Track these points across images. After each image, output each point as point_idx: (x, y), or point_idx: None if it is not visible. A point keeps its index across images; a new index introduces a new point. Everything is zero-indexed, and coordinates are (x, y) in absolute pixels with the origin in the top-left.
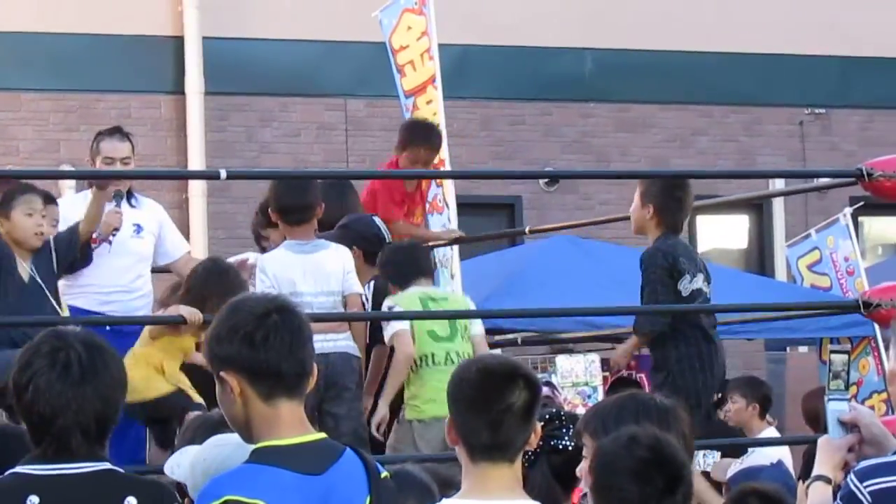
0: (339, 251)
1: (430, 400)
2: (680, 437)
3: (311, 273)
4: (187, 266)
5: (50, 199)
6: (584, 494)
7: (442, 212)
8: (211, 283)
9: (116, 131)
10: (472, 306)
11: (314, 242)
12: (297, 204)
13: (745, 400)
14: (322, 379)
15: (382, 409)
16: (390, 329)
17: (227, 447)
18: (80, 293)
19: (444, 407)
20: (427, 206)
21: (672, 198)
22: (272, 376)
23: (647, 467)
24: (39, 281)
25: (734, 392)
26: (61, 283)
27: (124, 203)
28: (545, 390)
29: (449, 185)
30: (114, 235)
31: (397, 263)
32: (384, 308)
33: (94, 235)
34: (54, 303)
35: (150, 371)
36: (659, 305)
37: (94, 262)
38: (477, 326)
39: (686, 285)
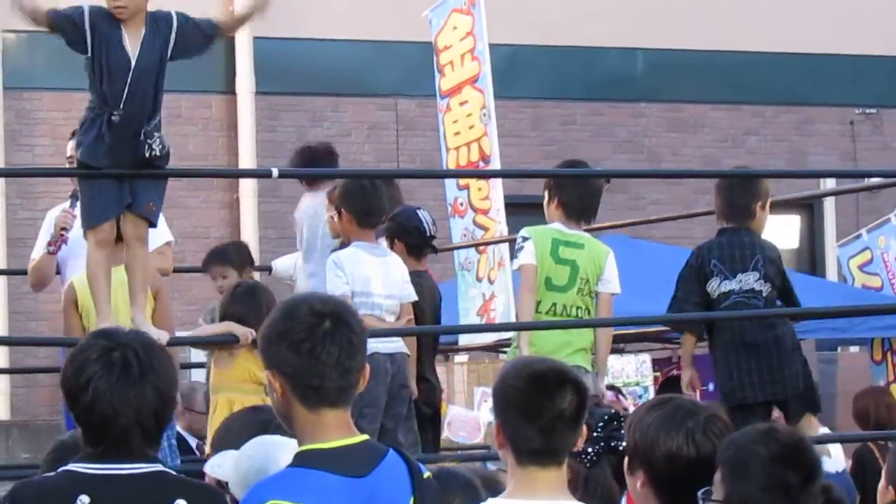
0: (399, 259)
1: (530, 344)
2: (717, 441)
3: (381, 275)
4: (157, 261)
5: None
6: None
7: (464, 215)
8: (240, 305)
9: None
10: (612, 260)
11: (380, 246)
12: (377, 208)
13: None
14: (391, 378)
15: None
16: (517, 262)
17: (271, 444)
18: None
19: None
20: (449, 208)
21: (718, 190)
22: (315, 388)
23: (790, 455)
24: (142, 66)
25: None
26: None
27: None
28: (610, 395)
29: (497, 184)
30: (63, 235)
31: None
32: (518, 235)
33: (49, 239)
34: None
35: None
36: (702, 314)
37: (62, 269)
38: (612, 285)
39: (714, 287)
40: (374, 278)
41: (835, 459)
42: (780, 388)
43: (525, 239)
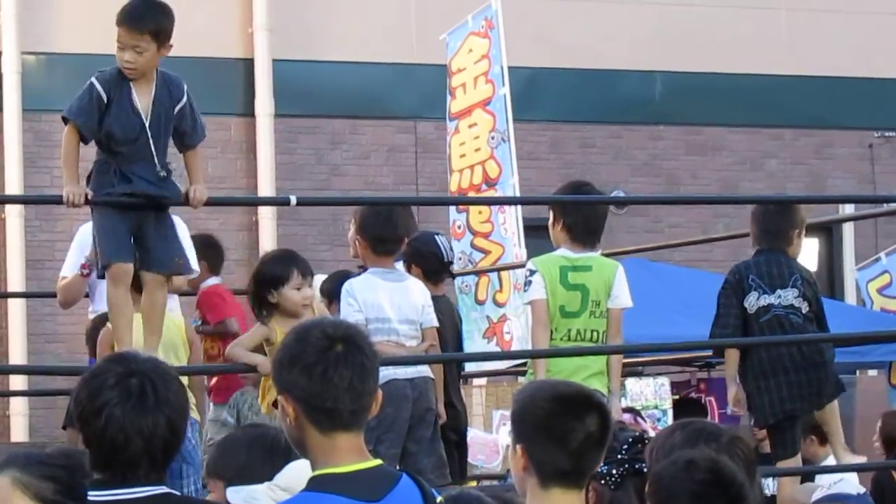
0: (420, 285)
1: (547, 372)
2: (741, 463)
3: (397, 301)
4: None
5: (129, 20)
6: None
7: (461, 238)
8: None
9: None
10: (621, 274)
11: (397, 272)
12: (391, 236)
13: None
14: (412, 404)
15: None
16: (527, 296)
17: (305, 469)
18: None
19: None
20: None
21: (753, 216)
22: (327, 411)
23: (709, 489)
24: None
25: None
26: None
27: None
28: (627, 417)
29: (516, 208)
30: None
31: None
32: (525, 269)
33: (84, 262)
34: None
35: None
36: (719, 340)
37: (91, 291)
38: (620, 300)
39: (751, 302)
40: (387, 304)
41: (852, 481)
42: (822, 399)
43: (532, 272)
